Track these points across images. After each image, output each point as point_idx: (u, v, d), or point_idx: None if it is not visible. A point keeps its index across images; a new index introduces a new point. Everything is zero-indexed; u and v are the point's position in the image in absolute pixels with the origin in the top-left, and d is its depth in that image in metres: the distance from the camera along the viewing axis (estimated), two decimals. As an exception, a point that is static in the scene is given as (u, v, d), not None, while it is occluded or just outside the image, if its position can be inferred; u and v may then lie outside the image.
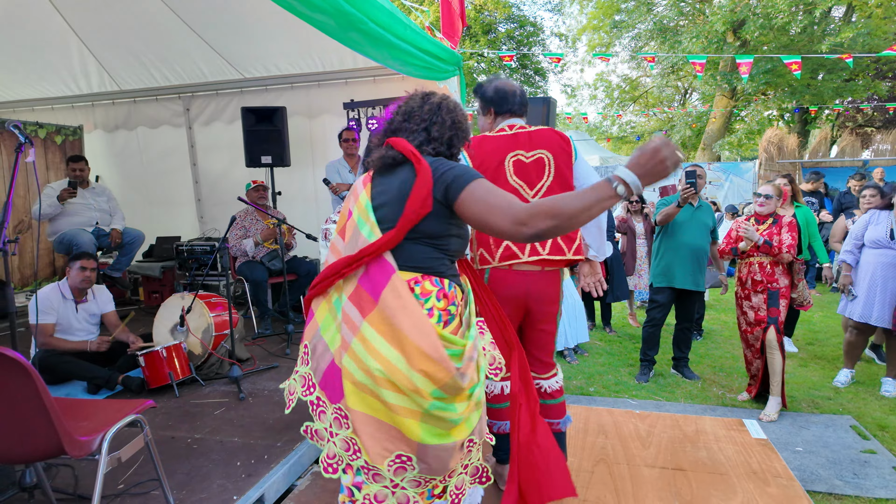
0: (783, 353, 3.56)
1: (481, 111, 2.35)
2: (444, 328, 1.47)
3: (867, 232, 4.03)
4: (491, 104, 2.31)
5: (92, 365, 3.40)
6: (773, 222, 3.62)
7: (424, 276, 1.49)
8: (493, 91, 2.30)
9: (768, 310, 3.59)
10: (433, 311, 1.47)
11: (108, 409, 1.94)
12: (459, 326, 1.52)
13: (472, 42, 17.82)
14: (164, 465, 2.42)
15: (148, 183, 6.39)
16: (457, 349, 1.44)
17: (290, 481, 2.44)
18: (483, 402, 1.57)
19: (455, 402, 1.44)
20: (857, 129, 15.06)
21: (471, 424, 1.49)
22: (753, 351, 3.74)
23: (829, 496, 2.71)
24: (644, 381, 4.26)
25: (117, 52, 5.53)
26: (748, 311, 3.70)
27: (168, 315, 3.62)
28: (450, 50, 4.40)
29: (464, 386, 1.43)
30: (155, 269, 5.66)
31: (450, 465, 1.46)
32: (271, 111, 4.97)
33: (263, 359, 3.95)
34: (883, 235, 3.92)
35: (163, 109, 6.12)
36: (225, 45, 5.27)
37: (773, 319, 3.58)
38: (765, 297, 3.60)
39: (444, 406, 1.42)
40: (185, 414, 3.02)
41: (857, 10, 14.43)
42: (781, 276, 3.58)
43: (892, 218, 3.91)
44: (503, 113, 2.32)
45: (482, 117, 2.36)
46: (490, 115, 2.34)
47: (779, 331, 3.56)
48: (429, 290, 1.48)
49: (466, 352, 1.45)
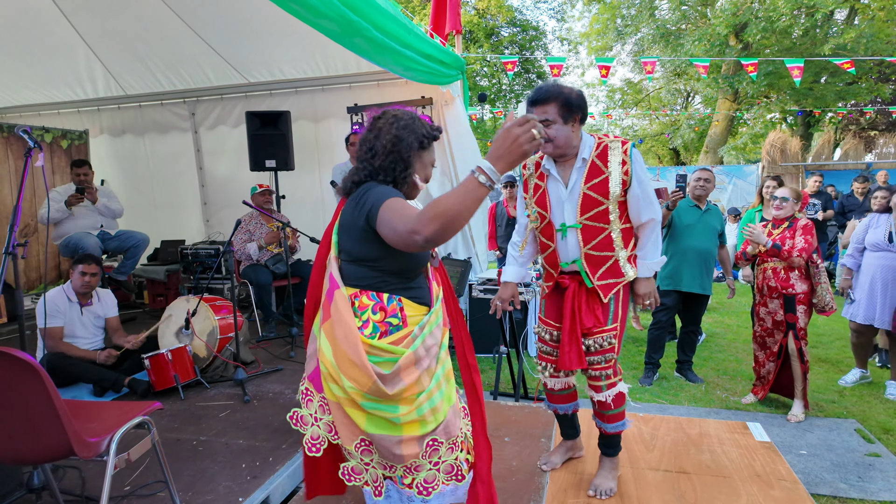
0: (801, 358, 3.51)
1: (563, 118, 2.10)
2: (380, 338, 1.58)
3: (867, 235, 4.06)
4: (579, 111, 2.13)
5: (98, 367, 3.43)
6: (789, 226, 3.55)
7: (362, 292, 1.63)
8: (578, 97, 2.12)
9: (785, 315, 3.51)
10: (369, 322, 1.60)
11: (116, 410, 1.96)
12: (405, 337, 1.60)
13: (475, 46, 17.88)
14: (170, 467, 2.45)
15: (154, 187, 6.44)
16: (389, 357, 1.56)
17: (296, 483, 2.45)
18: (442, 409, 1.66)
19: (394, 404, 1.57)
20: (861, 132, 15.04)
21: (425, 425, 1.61)
22: (768, 353, 3.70)
23: (834, 499, 2.71)
24: (648, 384, 4.26)
25: (123, 57, 5.57)
26: (765, 317, 3.64)
27: (173, 318, 3.64)
28: (453, 54, 4.43)
29: (390, 392, 1.54)
30: (160, 273, 5.68)
31: (402, 456, 1.58)
32: (276, 115, 5.00)
33: (268, 362, 3.97)
34: (882, 238, 3.94)
35: (169, 114, 6.16)
36: (230, 49, 5.31)
37: (790, 325, 3.51)
38: (781, 303, 3.53)
39: (380, 407, 1.57)
40: (191, 416, 3.04)
41: (859, 12, 14.43)
42: (798, 281, 3.49)
43: (892, 221, 3.93)
44: (585, 121, 2.20)
45: (563, 126, 2.10)
46: (576, 124, 2.15)
47: (797, 337, 3.50)
48: (366, 304, 1.62)
49: (402, 361, 1.56)
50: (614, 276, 2.21)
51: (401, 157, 1.66)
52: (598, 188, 2.14)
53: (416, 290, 1.70)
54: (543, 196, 2.25)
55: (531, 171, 2.32)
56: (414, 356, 1.59)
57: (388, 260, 1.62)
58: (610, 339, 2.23)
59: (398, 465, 1.64)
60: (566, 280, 2.27)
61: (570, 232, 2.19)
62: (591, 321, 2.21)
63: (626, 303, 2.27)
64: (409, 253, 1.60)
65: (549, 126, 2.07)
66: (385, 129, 1.67)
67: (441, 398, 1.66)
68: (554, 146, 2.12)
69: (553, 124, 2.08)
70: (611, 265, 2.20)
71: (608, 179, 2.12)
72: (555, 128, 2.09)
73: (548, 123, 2.07)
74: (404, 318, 1.63)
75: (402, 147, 1.66)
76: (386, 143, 1.65)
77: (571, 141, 2.13)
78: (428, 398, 1.62)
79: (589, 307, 2.22)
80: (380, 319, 1.61)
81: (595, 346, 2.23)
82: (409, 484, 1.66)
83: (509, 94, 18.77)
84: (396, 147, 1.65)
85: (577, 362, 2.20)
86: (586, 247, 2.19)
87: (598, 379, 2.27)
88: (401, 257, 1.62)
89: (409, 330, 1.62)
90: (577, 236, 2.19)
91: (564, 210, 2.20)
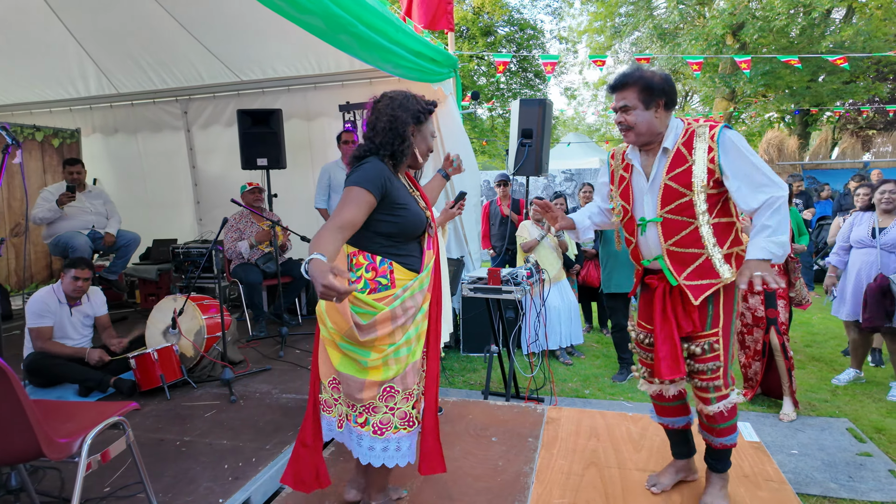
0: (785, 354, 3.55)
1: (644, 104, 1.96)
2: (368, 294, 1.84)
3: (852, 233, 4.11)
4: (663, 95, 1.96)
5: (84, 367, 3.40)
6: None
7: (359, 252, 1.89)
8: (662, 80, 1.95)
9: (766, 311, 3.58)
10: (361, 278, 1.86)
11: (92, 411, 1.94)
12: (389, 296, 1.84)
13: (471, 44, 17.83)
14: (152, 468, 2.43)
15: (147, 186, 6.40)
16: (370, 310, 1.82)
17: (279, 484, 2.42)
18: (405, 362, 1.89)
19: (366, 350, 1.84)
20: (858, 131, 15.02)
21: (387, 371, 1.86)
22: (749, 354, 3.72)
23: (824, 499, 2.68)
24: (621, 380, 4.35)
25: (115, 55, 5.54)
26: (745, 312, 3.68)
27: (160, 317, 3.61)
28: (445, 52, 4.39)
29: (361, 339, 1.81)
30: (151, 272, 5.65)
31: (362, 395, 1.86)
32: (267, 113, 4.97)
33: (257, 361, 3.94)
34: (865, 234, 3.99)
35: (161, 112, 6.13)
36: (222, 47, 5.28)
37: (772, 321, 3.57)
38: (762, 299, 3.59)
39: (353, 349, 1.85)
40: (176, 416, 3.02)
41: (857, 11, 14.41)
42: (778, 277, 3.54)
43: (875, 217, 3.97)
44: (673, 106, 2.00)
45: (644, 111, 1.96)
46: (660, 109, 1.97)
47: (779, 332, 3.55)
48: (361, 263, 1.88)
49: (379, 316, 1.81)
50: (706, 277, 1.98)
51: (398, 133, 1.89)
52: (680, 178, 1.94)
53: (407, 256, 1.93)
54: (627, 188, 2.11)
55: (618, 161, 2.18)
56: (391, 313, 1.84)
57: (375, 224, 1.86)
58: (713, 345, 2.03)
59: (357, 405, 1.90)
60: (654, 280, 2.10)
61: (649, 227, 2.04)
62: (689, 325, 2.01)
63: (729, 305, 2.04)
64: (397, 220, 1.87)
65: (629, 112, 1.96)
66: (383, 111, 1.91)
67: (407, 353, 1.90)
68: (635, 134, 1.98)
69: (633, 110, 1.95)
70: (701, 263, 1.98)
71: (691, 169, 1.92)
72: (635, 114, 1.95)
73: (627, 109, 1.96)
74: (393, 280, 1.87)
75: (398, 124, 1.88)
76: (384, 123, 1.88)
77: (654, 128, 1.97)
78: (395, 350, 1.87)
79: (685, 310, 2.02)
80: (371, 278, 1.86)
81: (699, 353, 2.04)
82: (362, 423, 1.91)
83: (507, 92, 18.72)
84: (393, 125, 1.88)
85: (673, 370, 2.00)
86: (667, 242, 2.00)
87: (705, 391, 2.07)
88: (387, 224, 1.86)
89: (394, 291, 1.86)
90: (658, 231, 2.02)
91: (645, 203, 2.05)
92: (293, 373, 3.68)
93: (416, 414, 1.96)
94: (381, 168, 1.84)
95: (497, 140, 18.95)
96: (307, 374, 3.62)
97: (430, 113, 1.99)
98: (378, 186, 1.80)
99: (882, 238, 3.88)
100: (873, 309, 3.75)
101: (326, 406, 2.00)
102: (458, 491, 2.32)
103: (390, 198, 1.85)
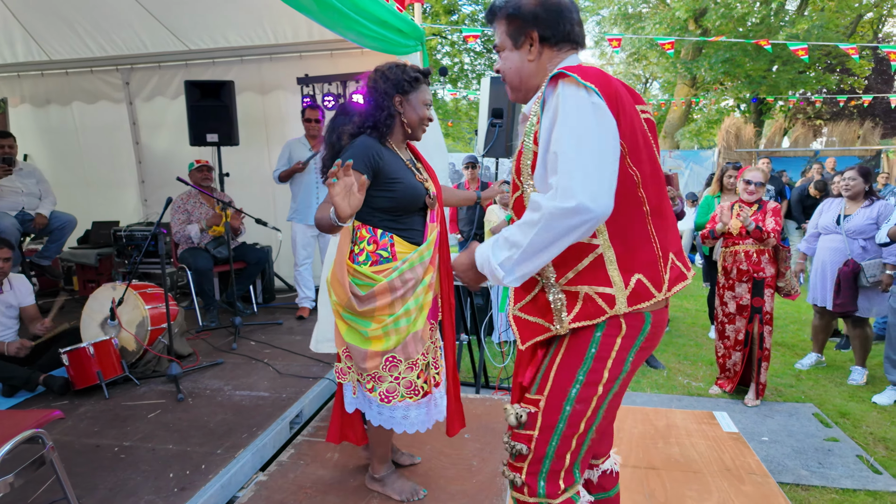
0: (761, 344, 3.51)
1: (512, 40, 1.36)
2: (369, 266, 1.89)
3: (820, 219, 4.13)
4: (534, 25, 1.31)
5: (8, 364, 3.03)
6: (759, 208, 3.54)
7: (362, 225, 1.94)
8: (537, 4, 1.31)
9: (752, 300, 3.51)
10: (363, 251, 1.91)
11: (6, 421, 1.65)
12: (387, 269, 1.87)
13: (434, 20, 17.39)
14: (85, 479, 2.15)
15: (85, 163, 5.89)
16: (368, 282, 1.87)
17: (231, 493, 2.19)
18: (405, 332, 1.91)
19: (367, 320, 1.90)
20: (808, 120, 15.53)
21: (388, 342, 1.90)
22: (729, 343, 3.66)
23: (797, 487, 2.66)
24: None
25: (46, 18, 5.02)
26: (729, 301, 3.61)
27: (97, 308, 3.26)
28: (412, 23, 4.13)
29: (359, 309, 1.87)
30: (91, 257, 5.21)
31: (366, 365, 1.90)
32: (218, 85, 4.58)
33: (207, 354, 3.64)
34: (831, 221, 4.02)
35: (99, 83, 5.62)
36: (168, 13, 4.84)
37: (756, 310, 3.51)
38: (749, 287, 3.52)
39: (354, 319, 1.92)
40: (115, 418, 2.71)
41: (810, 3, 14.80)
42: (768, 265, 3.49)
43: (843, 205, 3.99)
44: (564, 42, 1.33)
45: (511, 52, 1.38)
46: (534, 46, 1.34)
47: (762, 321, 3.50)
48: (364, 236, 1.93)
49: (378, 287, 1.85)
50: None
51: (378, 104, 1.87)
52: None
53: (409, 230, 1.96)
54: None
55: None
56: (389, 285, 1.87)
57: (372, 200, 1.88)
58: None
59: (364, 374, 1.96)
60: None
61: None
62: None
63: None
64: (392, 194, 1.88)
65: (501, 56, 1.41)
66: (370, 85, 1.91)
67: (407, 324, 1.92)
68: (508, 87, 1.42)
69: (501, 51, 1.40)
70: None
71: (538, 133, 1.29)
72: (503, 56, 1.40)
73: (500, 51, 1.41)
74: (394, 252, 1.91)
75: (377, 95, 1.88)
76: (367, 95, 1.91)
77: (526, 76, 1.36)
78: (394, 321, 1.89)
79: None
80: (372, 250, 1.90)
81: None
82: (370, 389, 1.96)
83: (471, 74, 18.41)
84: (372, 96, 1.89)
85: None
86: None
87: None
88: (382, 199, 1.89)
89: (395, 263, 1.89)
90: None
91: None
92: (248, 367, 3.40)
93: (422, 384, 1.98)
94: (369, 145, 1.84)
95: (461, 122, 18.67)
96: (263, 369, 3.36)
97: (418, 81, 1.93)
98: (366, 164, 1.80)
99: (846, 224, 3.90)
100: (846, 294, 3.76)
101: (342, 374, 2.05)
102: (431, 496, 2.14)
103: (382, 173, 1.85)
